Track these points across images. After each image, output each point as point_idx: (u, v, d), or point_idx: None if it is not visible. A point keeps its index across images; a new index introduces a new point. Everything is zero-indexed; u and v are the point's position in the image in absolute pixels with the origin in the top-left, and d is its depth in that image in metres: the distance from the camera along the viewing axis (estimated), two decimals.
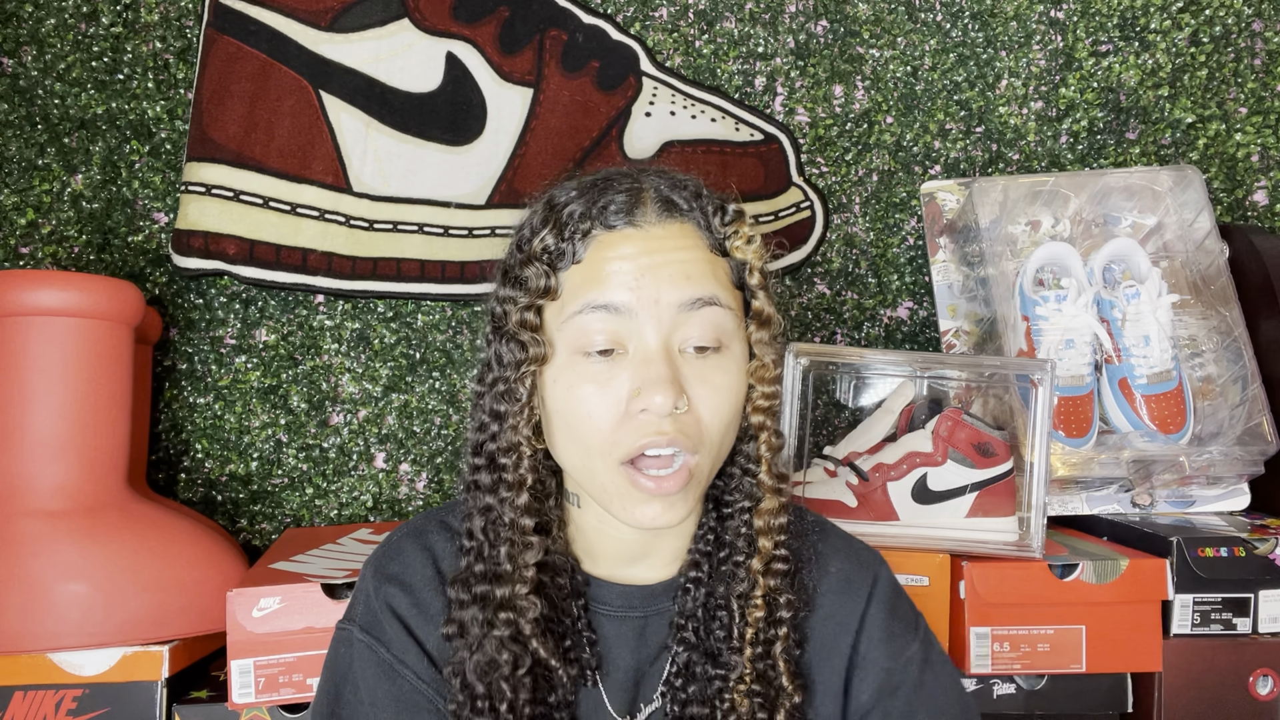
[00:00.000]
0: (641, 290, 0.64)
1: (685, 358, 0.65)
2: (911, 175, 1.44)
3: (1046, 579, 1.04)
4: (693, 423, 0.65)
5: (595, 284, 0.65)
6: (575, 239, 0.67)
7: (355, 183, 1.32)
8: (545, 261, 0.67)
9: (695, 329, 0.65)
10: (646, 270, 0.65)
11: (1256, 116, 1.47)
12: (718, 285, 0.67)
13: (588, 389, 0.65)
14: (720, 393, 0.66)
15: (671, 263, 0.65)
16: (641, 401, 0.63)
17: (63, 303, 1.01)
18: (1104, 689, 1.06)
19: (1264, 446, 1.17)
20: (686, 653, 0.71)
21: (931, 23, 1.45)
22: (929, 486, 1.07)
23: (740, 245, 0.69)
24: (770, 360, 0.69)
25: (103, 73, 1.34)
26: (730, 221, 0.69)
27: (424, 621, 0.70)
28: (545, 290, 0.66)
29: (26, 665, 0.95)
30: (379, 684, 0.69)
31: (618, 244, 0.66)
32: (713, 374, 0.66)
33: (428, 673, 0.69)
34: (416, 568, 0.72)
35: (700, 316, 0.65)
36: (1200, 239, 1.29)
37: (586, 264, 0.66)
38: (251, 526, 1.33)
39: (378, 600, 0.71)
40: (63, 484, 1.01)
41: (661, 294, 0.64)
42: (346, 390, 1.35)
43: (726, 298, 0.67)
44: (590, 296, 0.65)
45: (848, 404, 1.27)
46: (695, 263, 0.66)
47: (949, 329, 1.35)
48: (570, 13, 1.39)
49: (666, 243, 0.66)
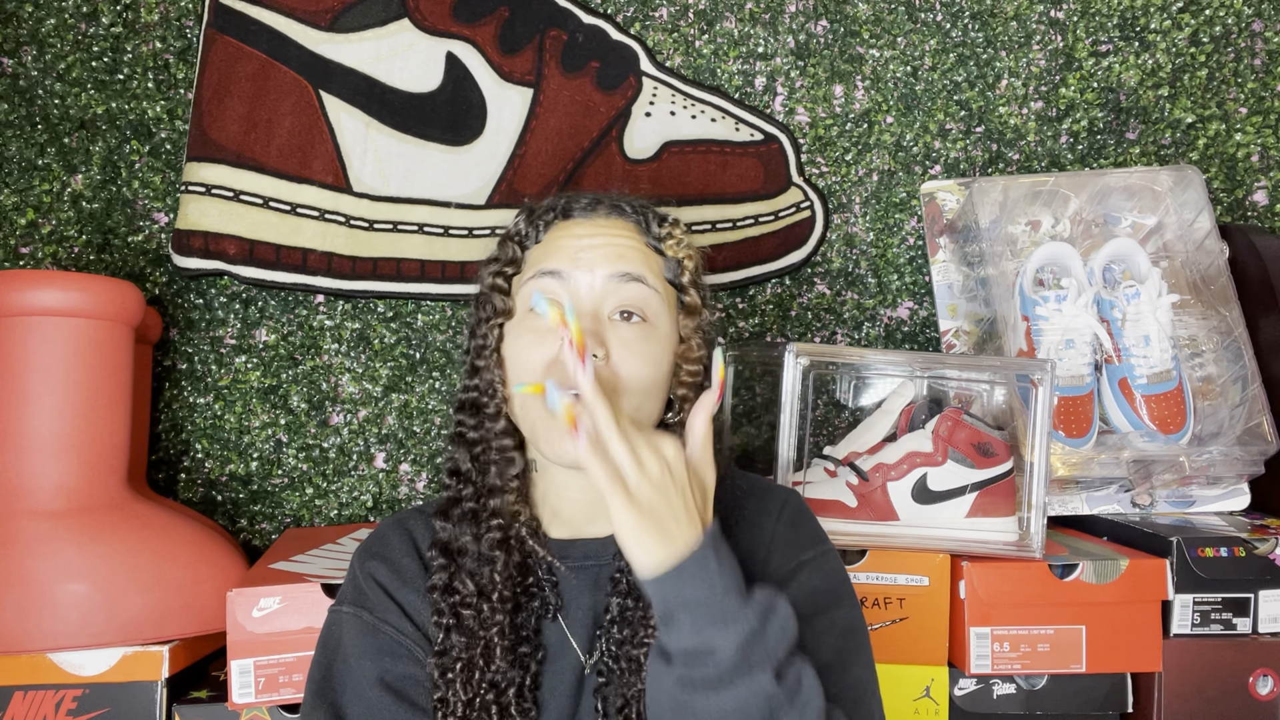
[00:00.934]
0: (579, 261, 0.78)
1: (613, 324, 0.77)
2: (911, 175, 1.44)
3: (1046, 579, 1.04)
4: (610, 375, 0.76)
5: (547, 256, 0.80)
6: (540, 226, 0.83)
7: (355, 183, 1.32)
8: (516, 241, 0.83)
9: (622, 296, 0.78)
10: (588, 248, 0.79)
11: (1256, 116, 1.47)
12: (646, 269, 0.80)
13: (528, 338, 0.78)
14: (638, 355, 0.77)
15: (609, 244, 0.79)
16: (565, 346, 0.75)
17: (63, 303, 1.01)
18: (1104, 689, 1.06)
19: (1264, 446, 1.17)
20: (619, 600, 0.79)
21: (931, 23, 1.45)
22: (929, 486, 1.07)
23: (672, 245, 0.83)
24: (695, 343, 0.82)
25: (103, 73, 1.34)
26: (665, 224, 0.84)
27: (401, 584, 0.79)
28: (512, 260, 0.82)
29: (26, 665, 0.95)
30: (364, 641, 0.77)
31: (570, 228, 0.81)
32: (633, 339, 0.77)
33: (407, 627, 0.78)
34: (395, 544, 0.82)
35: (628, 289, 0.78)
36: (1200, 239, 1.29)
37: (545, 243, 0.82)
38: (251, 526, 1.33)
39: (362, 576, 0.80)
40: (63, 484, 1.01)
41: (596, 266, 0.78)
42: (346, 390, 1.35)
43: (654, 280, 0.80)
44: (542, 264, 0.79)
45: (848, 404, 1.27)
46: (630, 248, 0.80)
47: (949, 329, 1.35)
48: (570, 13, 1.39)
49: (609, 231, 0.81)
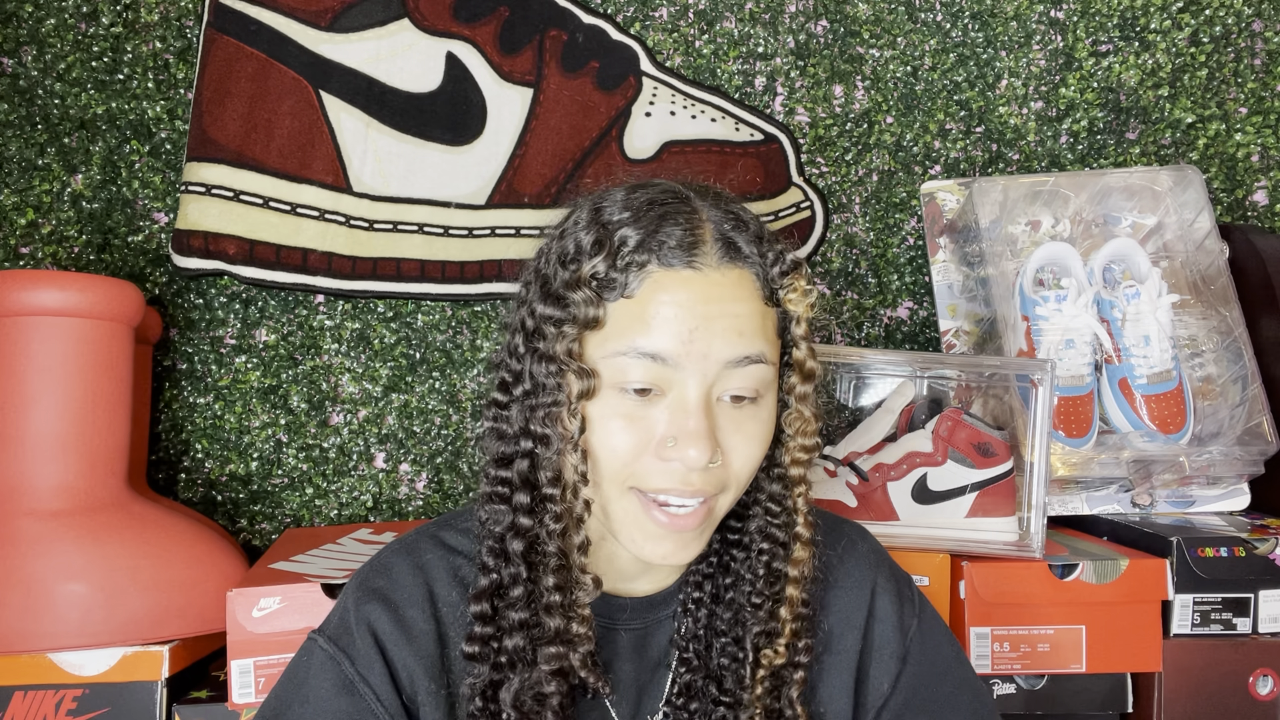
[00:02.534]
0: (692, 345, 0.62)
1: (721, 406, 0.64)
2: (911, 175, 1.44)
3: (1046, 579, 1.04)
4: (721, 471, 0.65)
5: (644, 327, 0.62)
6: (630, 271, 0.63)
7: (355, 183, 1.32)
8: (594, 289, 0.63)
9: (737, 382, 0.64)
10: (701, 321, 0.62)
11: (1256, 116, 1.47)
12: (765, 342, 0.65)
13: (617, 424, 0.63)
14: (753, 441, 0.66)
15: (726, 315, 0.63)
16: (675, 452, 0.62)
17: (63, 303, 1.01)
18: (1104, 689, 1.06)
19: (1264, 446, 1.17)
20: (689, 674, 0.71)
21: (931, 23, 1.45)
22: (929, 486, 1.07)
23: (794, 298, 0.67)
24: (810, 414, 0.69)
25: (103, 73, 1.34)
26: (788, 273, 0.67)
27: (404, 641, 0.67)
28: (593, 320, 0.63)
29: (26, 665, 0.95)
30: (335, 699, 0.66)
31: (673, 287, 0.62)
32: (747, 422, 0.65)
33: (389, 697, 0.66)
34: (405, 585, 0.70)
35: (745, 372, 0.64)
36: (1200, 239, 1.29)
37: (637, 301, 0.63)
38: (251, 526, 1.33)
39: (354, 615, 0.68)
40: (63, 484, 1.01)
41: (712, 349, 0.62)
42: (346, 390, 1.35)
43: (771, 353, 0.66)
44: (638, 341, 0.62)
45: (848, 404, 1.27)
46: (749, 316, 0.64)
47: (949, 329, 1.35)
48: (570, 13, 1.39)
49: (724, 291, 0.63)
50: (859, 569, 0.77)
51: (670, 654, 0.73)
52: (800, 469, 0.70)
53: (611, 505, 0.66)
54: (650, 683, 0.73)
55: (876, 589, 0.76)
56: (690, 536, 0.65)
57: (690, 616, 0.73)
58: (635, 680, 0.72)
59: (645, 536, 0.65)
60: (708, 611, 0.73)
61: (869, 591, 0.76)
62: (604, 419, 0.64)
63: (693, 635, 0.72)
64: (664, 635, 0.73)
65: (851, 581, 0.76)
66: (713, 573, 0.74)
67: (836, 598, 0.76)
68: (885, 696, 0.74)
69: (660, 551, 0.65)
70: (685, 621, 0.73)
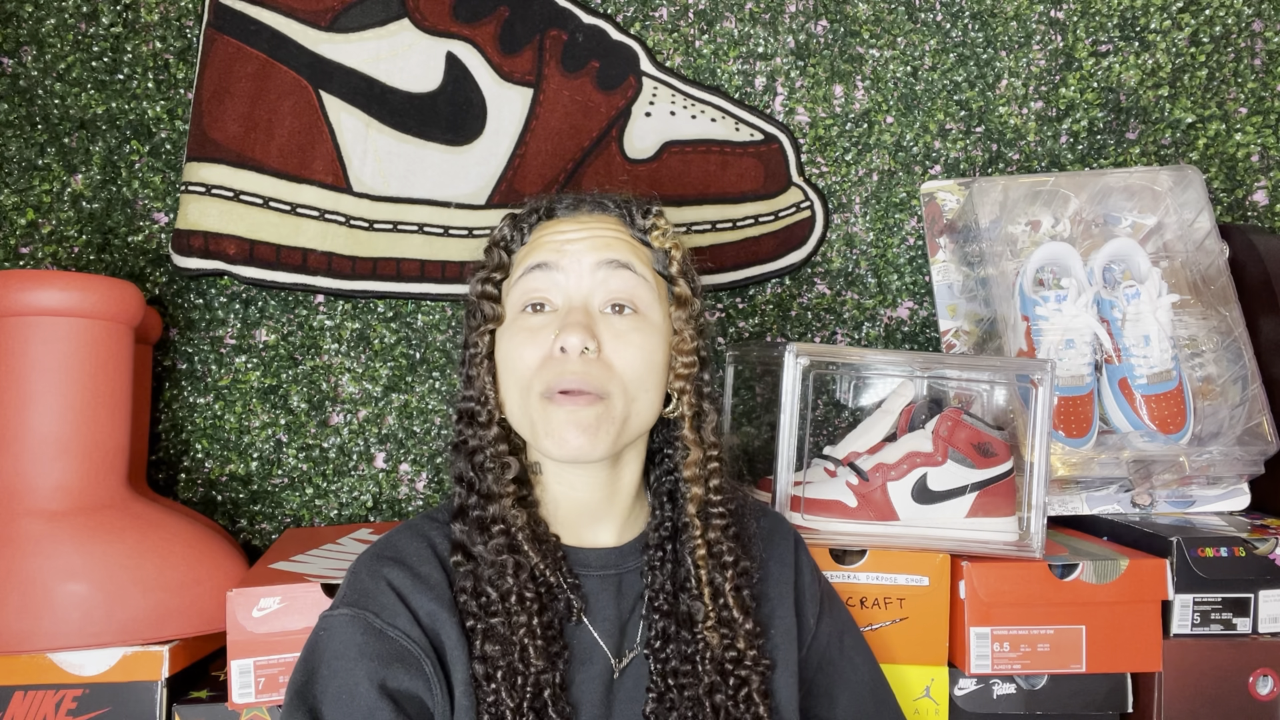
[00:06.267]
0: (566, 251, 0.79)
1: (605, 317, 0.78)
2: (911, 175, 1.44)
3: (1046, 579, 1.04)
4: (603, 367, 0.76)
5: (533, 252, 0.80)
6: (524, 228, 0.83)
7: (355, 183, 1.32)
8: (502, 246, 0.83)
9: (612, 287, 0.78)
10: (573, 240, 0.79)
11: (1256, 116, 1.47)
12: (634, 257, 0.80)
13: (521, 337, 0.78)
14: (630, 346, 0.77)
15: (595, 236, 0.80)
16: (559, 342, 0.76)
17: (63, 303, 1.01)
18: (1104, 689, 1.06)
19: (1264, 446, 1.17)
20: (661, 620, 0.81)
21: (931, 23, 1.45)
22: (929, 486, 1.07)
23: (658, 236, 0.82)
24: (688, 334, 0.82)
25: (103, 73, 1.34)
26: (651, 216, 0.83)
27: (423, 588, 0.76)
28: (499, 266, 0.82)
29: (26, 665, 0.95)
30: (366, 642, 0.73)
31: (555, 225, 0.82)
32: (626, 331, 0.78)
33: (417, 634, 0.74)
34: (413, 550, 0.80)
35: (617, 276, 0.78)
36: (1200, 239, 1.29)
37: (529, 243, 0.82)
38: (251, 526, 1.33)
39: (370, 580, 0.77)
40: (63, 484, 1.01)
41: (584, 256, 0.78)
42: (346, 390, 1.35)
43: (642, 269, 0.80)
44: (529, 259, 0.80)
45: (848, 404, 1.27)
46: (615, 239, 0.80)
47: (949, 329, 1.35)
48: (570, 13, 1.39)
49: (594, 224, 0.81)
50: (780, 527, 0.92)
51: (645, 606, 0.83)
52: (681, 382, 0.82)
53: (531, 413, 0.77)
54: (629, 621, 0.83)
55: (798, 543, 0.92)
56: (590, 426, 0.75)
57: (658, 572, 0.83)
58: (617, 619, 0.82)
59: (555, 434, 0.76)
60: (671, 566, 0.83)
61: (792, 542, 0.91)
62: (512, 337, 0.79)
63: (660, 588, 0.82)
64: (637, 579, 0.84)
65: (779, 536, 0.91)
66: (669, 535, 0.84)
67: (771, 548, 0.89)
68: (813, 629, 0.89)
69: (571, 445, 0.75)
70: (653, 577, 0.83)
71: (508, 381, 0.80)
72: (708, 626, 0.80)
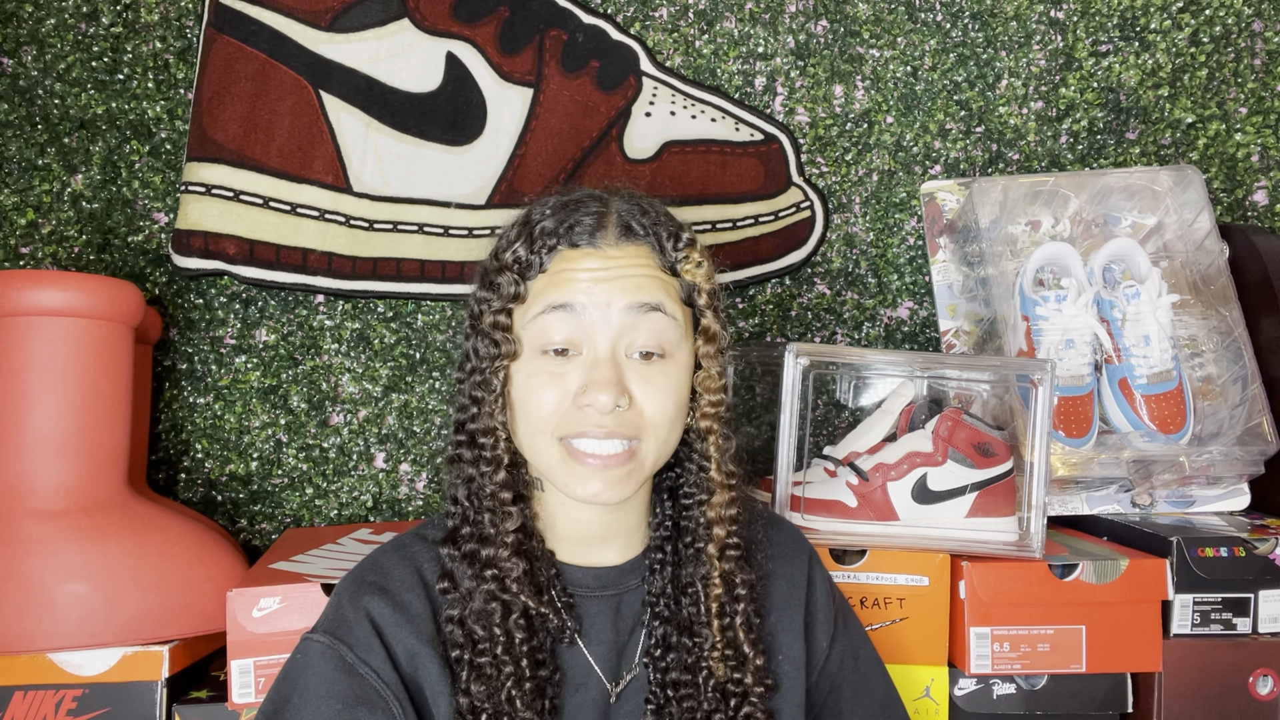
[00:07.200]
0: (594, 294, 0.73)
1: (632, 363, 0.74)
2: (911, 175, 1.44)
3: (1046, 579, 1.04)
4: (634, 417, 0.74)
5: (555, 288, 0.74)
6: (543, 252, 0.75)
7: (355, 183, 1.32)
8: (516, 271, 0.76)
9: (642, 335, 0.74)
10: (601, 280, 0.73)
11: (1256, 116, 1.47)
12: (665, 296, 0.75)
13: (541, 379, 0.74)
14: (662, 392, 0.74)
15: (625, 275, 0.74)
16: (587, 398, 0.72)
17: (63, 303, 1.01)
18: (1104, 689, 1.06)
19: (1264, 446, 1.17)
20: (662, 626, 0.79)
21: (931, 23, 1.45)
22: (929, 486, 1.07)
23: (690, 268, 0.77)
24: (715, 371, 0.78)
25: (103, 73, 1.34)
26: (682, 247, 0.77)
27: (404, 622, 0.74)
28: (515, 296, 0.75)
29: (26, 665, 0.95)
30: (335, 679, 0.71)
31: (579, 259, 0.74)
32: (655, 376, 0.74)
33: (390, 676, 0.72)
34: (398, 575, 0.77)
35: (647, 321, 0.74)
36: (1200, 239, 1.29)
37: (550, 273, 0.75)
38: (251, 526, 1.33)
39: (351, 608, 0.74)
40: (63, 484, 1.01)
41: (613, 299, 0.73)
42: (346, 390, 1.35)
43: (672, 308, 0.75)
44: (551, 298, 0.74)
45: (848, 404, 1.27)
46: (646, 276, 0.75)
47: (949, 329, 1.35)
48: (570, 13, 1.39)
49: (622, 261, 0.75)
50: (793, 542, 0.89)
51: (644, 613, 0.80)
52: (709, 421, 0.79)
53: (547, 453, 0.75)
54: (628, 644, 0.80)
55: (811, 559, 0.88)
56: (617, 476, 0.74)
57: (658, 575, 0.81)
58: (614, 642, 0.79)
59: (575, 480, 0.73)
60: (672, 569, 0.81)
61: (806, 559, 0.88)
62: (530, 377, 0.74)
63: (661, 592, 0.80)
64: (637, 599, 0.81)
65: (791, 551, 0.87)
66: (670, 535, 0.82)
67: (781, 564, 0.86)
68: (825, 653, 0.86)
69: (590, 490, 0.73)
70: (654, 580, 0.81)
71: (522, 420, 0.76)
72: (714, 658, 0.78)
